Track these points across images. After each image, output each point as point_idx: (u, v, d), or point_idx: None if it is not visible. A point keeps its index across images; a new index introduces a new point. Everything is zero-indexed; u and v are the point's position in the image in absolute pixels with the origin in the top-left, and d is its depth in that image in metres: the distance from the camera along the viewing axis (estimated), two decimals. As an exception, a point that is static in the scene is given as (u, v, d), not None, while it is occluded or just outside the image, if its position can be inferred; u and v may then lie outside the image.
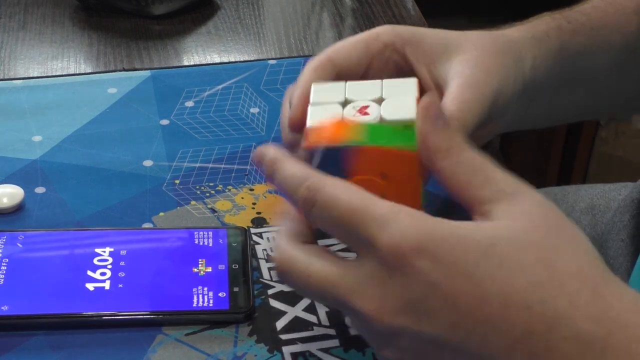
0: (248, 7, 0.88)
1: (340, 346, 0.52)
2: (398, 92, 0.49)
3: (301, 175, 0.43)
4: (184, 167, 0.66)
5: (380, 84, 0.49)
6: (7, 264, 0.55)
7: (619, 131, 1.65)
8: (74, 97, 0.73)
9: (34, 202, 0.62)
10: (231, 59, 0.80)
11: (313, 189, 0.42)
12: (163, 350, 0.51)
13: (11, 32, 0.83)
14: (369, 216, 0.40)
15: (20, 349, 0.51)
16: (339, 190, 0.42)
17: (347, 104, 0.48)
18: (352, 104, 0.48)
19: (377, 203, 0.41)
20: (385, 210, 0.40)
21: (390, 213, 0.40)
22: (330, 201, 0.42)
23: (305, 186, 0.42)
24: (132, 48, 0.81)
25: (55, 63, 0.79)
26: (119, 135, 0.69)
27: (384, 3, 0.89)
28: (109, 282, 0.54)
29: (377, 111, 0.47)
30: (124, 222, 0.61)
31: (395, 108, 0.47)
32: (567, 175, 1.71)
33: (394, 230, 0.39)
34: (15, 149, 0.67)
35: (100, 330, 0.52)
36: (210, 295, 0.54)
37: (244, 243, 0.58)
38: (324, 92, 0.50)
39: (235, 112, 0.72)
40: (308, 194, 0.42)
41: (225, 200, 0.63)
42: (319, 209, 0.42)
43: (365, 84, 0.50)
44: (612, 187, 0.82)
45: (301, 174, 0.43)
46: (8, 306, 0.53)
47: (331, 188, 0.42)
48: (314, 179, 0.43)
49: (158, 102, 0.73)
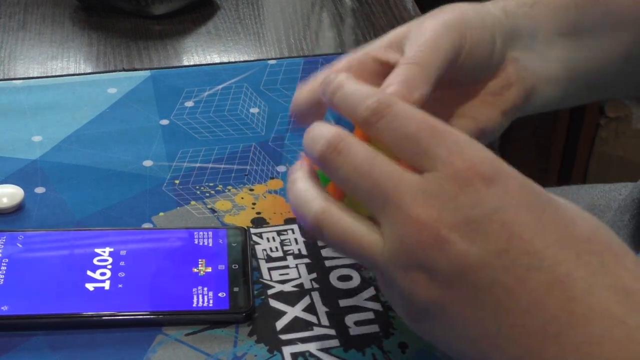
0: (248, 7, 0.88)
1: (340, 346, 0.52)
2: None
3: (369, 90, 0.43)
4: (183, 167, 0.66)
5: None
6: (7, 264, 0.55)
7: (619, 131, 1.65)
8: (74, 97, 0.73)
9: (34, 202, 0.62)
10: (231, 59, 0.80)
11: (385, 102, 0.42)
12: (163, 350, 0.51)
13: (11, 32, 0.83)
14: (449, 136, 0.41)
15: (20, 349, 0.51)
16: (414, 109, 0.42)
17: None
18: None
19: (454, 130, 0.41)
20: (463, 137, 0.41)
21: (470, 140, 0.41)
22: (405, 115, 0.41)
23: (375, 98, 0.42)
24: (132, 48, 0.81)
25: (55, 63, 0.79)
26: (119, 135, 0.69)
27: (384, 3, 0.89)
28: (108, 282, 0.54)
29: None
30: (124, 222, 0.61)
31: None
32: (567, 175, 1.71)
33: (474, 153, 0.40)
34: (15, 149, 0.67)
35: (100, 330, 0.52)
36: (210, 295, 0.54)
37: (243, 243, 0.58)
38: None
39: (235, 112, 0.72)
40: (379, 105, 0.42)
41: (225, 200, 0.63)
42: (389, 121, 0.41)
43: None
44: (612, 187, 0.82)
45: (369, 90, 0.43)
46: (8, 306, 0.53)
47: (405, 105, 0.42)
48: (386, 95, 0.43)
49: (158, 102, 0.73)
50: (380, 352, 0.52)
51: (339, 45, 0.83)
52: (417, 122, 0.41)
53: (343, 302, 0.55)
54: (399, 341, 0.53)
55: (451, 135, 0.41)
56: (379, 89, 0.44)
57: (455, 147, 0.40)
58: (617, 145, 1.67)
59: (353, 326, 0.53)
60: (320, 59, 0.79)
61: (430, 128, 0.41)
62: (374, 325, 0.53)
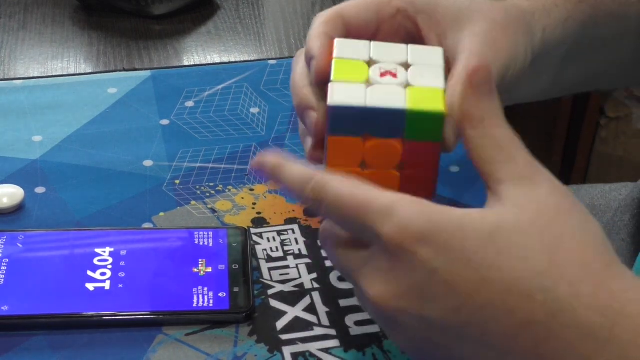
0: (248, 7, 0.88)
1: (340, 346, 0.52)
2: (425, 60, 0.48)
3: (304, 177, 0.44)
4: (184, 167, 0.66)
5: (405, 48, 0.49)
6: (7, 264, 0.55)
7: (619, 131, 1.65)
8: (74, 97, 0.73)
9: (34, 202, 0.62)
10: (231, 59, 0.80)
11: (317, 190, 0.43)
12: (163, 350, 0.51)
13: (11, 32, 0.83)
14: (372, 209, 0.41)
15: (20, 349, 0.51)
16: (343, 186, 0.43)
17: (372, 64, 0.48)
18: (377, 64, 0.48)
19: (380, 195, 0.42)
20: (388, 201, 0.41)
21: (392, 203, 0.41)
22: (335, 199, 0.43)
23: (310, 188, 0.43)
24: (132, 48, 0.81)
25: (55, 63, 0.79)
26: (119, 135, 0.69)
27: (384, 3, 0.89)
28: (109, 282, 0.54)
29: (404, 76, 0.47)
30: (124, 222, 0.61)
31: (422, 75, 0.47)
32: (567, 175, 1.71)
33: (396, 220, 0.40)
34: (15, 149, 0.67)
35: (101, 330, 0.52)
36: (211, 295, 0.54)
37: (244, 243, 0.58)
38: (348, 48, 0.49)
39: (235, 112, 0.72)
40: (314, 195, 0.43)
41: (226, 200, 0.63)
42: (325, 207, 0.43)
43: (390, 46, 0.49)
44: (613, 187, 0.82)
45: (304, 176, 0.44)
46: (8, 306, 0.52)
47: (335, 185, 0.43)
48: (317, 179, 0.44)
49: (158, 102, 0.73)
50: (381, 352, 0.52)
51: (339, 45, 0.83)
52: (345, 205, 0.42)
53: (343, 302, 0.55)
54: (399, 341, 0.53)
55: (377, 203, 0.41)
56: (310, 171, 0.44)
57: (383, 215, 0.41)
58: (617, 145, 1.67)
59: (353, 326, 0.53)
60: (320, 59, 0.79)
61: (355, 205, 0.42)
62: (374, 325, 0.53)
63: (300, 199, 0.45)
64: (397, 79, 0.47)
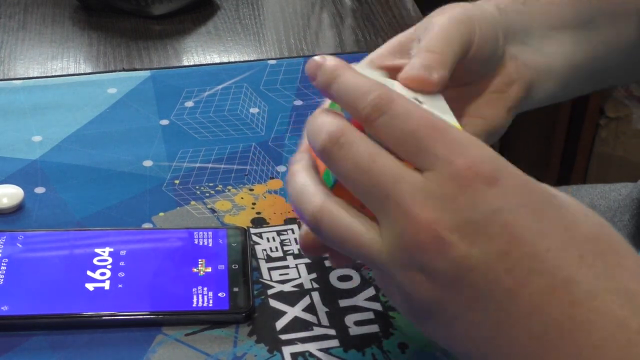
0: (248, 7, 0.88)
1: (340, 346, 0.52)
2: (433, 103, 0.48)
3: (370, 84, 0.42)
4: (183, 167, 0.66)
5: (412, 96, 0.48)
6: (7, 264, 0.55)
7: (619, 131, 1.65)
8: (74, 97, 0.73)
9: (34, 202, 0.62)
10: (231, 59, 0.80)
11: (386, 98, 0.41)
12: (163, 350, 0.51)
13: (11, 32, 0.83)
14: (450, 134, 0.40)
15: (20, 349, 0.51)
16: (414, 106, 0.41)
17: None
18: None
19: (455, 129, 0.41)
20: (465, 135, 0.40)
21: (470, 138, 0.40)
22: (406, 112, 0.41)
23: (377, 94, 0.41)
24: (132, 48, 0.81)
25: (55, 63, 0.79)
26: (119, 135, 0.69)
27: (384, 3, 0.89)
28: (108, 282, 0.54)
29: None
30: (124, 222, 0.61)
31: (434, 107, 0.46)
32: (567, 175, 1.71)
33: (475, 152, 0.40)
34: (15, 149, 0.67)
35: (100, 330, 0.52)
36: (210, 295, 0.54)
37: (243, 243, 0.58)
38: (368, 72, 0.49)
39: (235, 112, 0.72)
40: (380, 101, 0.41)
41: (225, 200, 0.63)
42: (390, 118, 0.41)
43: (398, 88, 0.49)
44: (612, 187, 0.82)
45: (370, 84, 0.42)
46: (8, 306, 0.53)
47: (406, 101, 0.41)
48: (387, 90, 0.42)
49: (158, 102, 0.73)
50: (380, 352, 0.52)
51: (338, 45, 0.83)
52: (417, 119, 0.40)
53: (343, 302, 0.55)
54: (399, 341, 0.53)
55: (452, 134, 0.40)
56: (379, 82, 0.42)
57: (455, 146, 0.40)
58: (617, 145, 1.67)
59: (353, 326, 0.53)
60: (320, 59, 0.79)
61: (430, 126, 0.40)
62: (374, 325, 0.53)
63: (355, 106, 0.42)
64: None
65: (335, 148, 0.42)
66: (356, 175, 0.41)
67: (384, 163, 0.40)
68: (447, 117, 0.46)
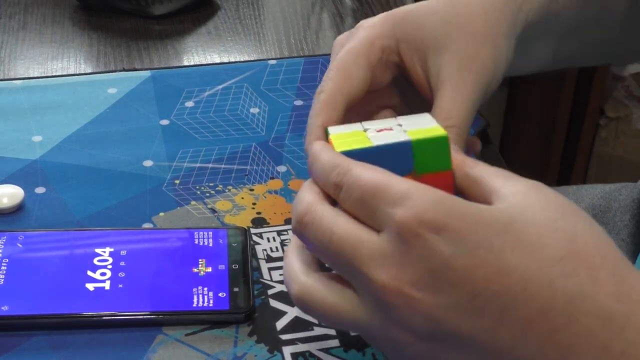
0: (248, 7, 0.88)
1: (340, 346, 0.52)
2: (415, 120, 0.48)
3: (332, 164, 0.44)
4: (184, 167, 0.66)
5: (395, 120, 0.49)
6: (7, 264, 0.55)
7: (619, 131, 1.65)
8: (74, 97, 0.73)
9: (34, 202, 0.62)
10: (231, 59, 0.80)
11: (342, 173, 0.43)
12: (163, 351, 0.51)
13: (11, 32, 0.83)
14: (389, 192, 0.41)
15: (20, 349, 0.51)
16: (364, 170, 0.42)
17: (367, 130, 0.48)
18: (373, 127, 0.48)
19: (399, 181, 0.41)
20: (406, 187, 0.40)
21: (410, 188, 0.40)
22: (354, 181, 0.42)
23: (335, 172, 0.43)
24: (132, 48, 0.81)
25: (55, 63, 0.79)
26: (119, 135, 0.69)
27: (384, 3, 0.89)
28: (109, 282, 0.54)
29: (400, 129, 0.47)
30: (124, 222, 0.61)
31: (417, 124, 0.47)
32: (567, 175, 1.71)
33: (413, 204, 0.40)
34: (15, 149, 0.67)
35: (100, 330, 0.52)
36: (210, 295, 0.54)
37: (244, 243, 0.58)
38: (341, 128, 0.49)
39: (235, 112, 0.72)
40: (337, 178, 0.43)
41: (225, 200, 0.63)
42: (344, 191, 0.42)
43: (380, 120, 0.49)
44: (612, 187, 0.82)
45: (332, 163, 0.44)
46: (8, 306, 0.53)
47: (357, 169, 0.42)
48: (344, 164, 0.43)
49: (158, 102, 0.73)
50: (380, 352, 0.52)
51: (339, 45, 0.83)
52: (361, 185, 0.42)
53: (343, 302, 0.55)
54: (399, 341, 0.53)
55: (393, 188, 0.41)
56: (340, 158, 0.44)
57: (397, 199, 0.40)
58: (617, 145, 1.67)
59: (353, 326, 0.53)
60: (320, 59, 0.79)
61: (372, 187, 0.41)
62: (374, 325, 0.53)
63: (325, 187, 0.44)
64: (394, 131, 0.47)
65: (301, 228, 0.43)
66: (322, 249, 0.43)
67: (343, 233, 0.42)
68: (431, 125, 0.46)
